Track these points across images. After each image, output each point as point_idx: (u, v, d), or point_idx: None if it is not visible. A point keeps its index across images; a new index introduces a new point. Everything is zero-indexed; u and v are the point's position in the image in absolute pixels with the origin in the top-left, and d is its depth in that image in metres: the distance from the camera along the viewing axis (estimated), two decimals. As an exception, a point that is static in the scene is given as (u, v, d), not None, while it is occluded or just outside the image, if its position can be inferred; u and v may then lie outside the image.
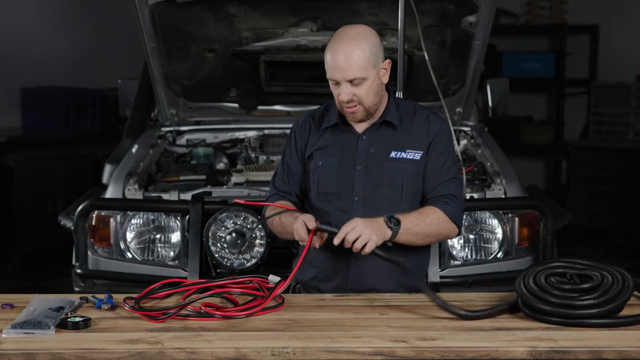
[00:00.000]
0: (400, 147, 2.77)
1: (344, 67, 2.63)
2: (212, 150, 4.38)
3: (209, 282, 2.58)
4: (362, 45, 2.65)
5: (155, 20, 4.02)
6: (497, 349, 2.12)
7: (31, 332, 2.17)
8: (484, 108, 4.90)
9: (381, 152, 2.77)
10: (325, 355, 2.11)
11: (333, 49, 2.66)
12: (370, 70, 2.66)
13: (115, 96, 5.29)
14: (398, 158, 2.76)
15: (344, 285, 2.77)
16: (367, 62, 2.65)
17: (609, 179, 7.39)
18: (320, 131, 2.85)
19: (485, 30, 4.03)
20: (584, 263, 2.41)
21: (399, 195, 2.75)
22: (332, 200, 2.77)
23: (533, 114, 8.37)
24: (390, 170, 2.75)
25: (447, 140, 2.82)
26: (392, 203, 2.74)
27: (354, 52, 2.63)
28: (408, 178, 2.75)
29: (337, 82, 2.67)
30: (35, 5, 7.27)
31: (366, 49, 2.65)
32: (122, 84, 5.07)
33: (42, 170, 6.51)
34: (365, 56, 2.65)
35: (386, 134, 2.79)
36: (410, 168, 2.76)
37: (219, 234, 3.58)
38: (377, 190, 2.75)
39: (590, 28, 8.03)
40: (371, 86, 2.69)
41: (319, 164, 2.81)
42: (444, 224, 2.72)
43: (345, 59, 2.63)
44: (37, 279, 6.15)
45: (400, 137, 2.78)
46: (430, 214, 2.70)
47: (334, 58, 2.65)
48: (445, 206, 2.73)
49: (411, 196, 2.77)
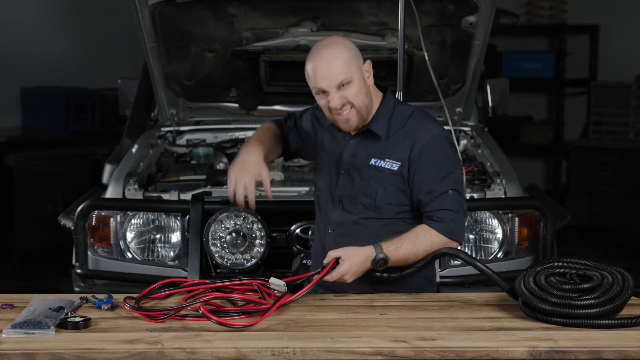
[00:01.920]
0: (380, 155, 2.75)
1: (328, 74, 2.65)
2: (212, 150, 4.38)
3: (209, 282, 2.58)
4: (339, 50, 2.68)
5: (155, 20, 4.02)
6: (497, 349, 2.12)
7: (31, 332, 2.17)
8: (484, 108, 4.89)
9: (363, 159, 2.77)
10: (325, 355, 2.11)
11: (313, 61, 2.68)
12: (353, 72, 2.67)
13: (115, 96, 5.28)
14: (376, 166, 2.74)
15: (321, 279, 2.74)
16: (348, 64, 2.66)
17: (609, 179, 7.39)
18: (323, 127, 2.90)
19: (485, 30, 4.03)
20: (584, 263, 2.41)
21: (373, 203, 2.74)
22: (323, 195, 2.86)
23: (533, 114, 8.37)
24: (368, 177, 2.75)
25: (440, 151, 2.73)
26: (367, 210, 2.75)
27: (334, 57, 2.66)
28: (383, 187, 2.72)
29: (324, 91, 2.67)
30: (36, 5, 7.27)
31: (344, 52, 2.67)
32: (122, 84, 5.07)
33: (42, 170, 6.51)
34: (345, 59, 2.66)
35: (371, 141, 2.78)
36: (386, 177, 2.72)
37: (219, 234, 3.58)
38: (355, 196, 2.76)
39: (590, 28, 8.02)
40: (359, 87, 2.69)
41: (319, 158, 2.89)
42: (438, 246, 2.65)
43: (328, 66, 2.65)
44: (37, 279, 6.15)
45: (384, 146, 2.76)
46: (424, 240, 2.65)
47: (317, 68, 2.67)
48: (440, 224, 2.67)
49: (387, 206, 2.73)
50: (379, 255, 2.58)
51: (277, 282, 2.51)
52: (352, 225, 2.77)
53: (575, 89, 8.16)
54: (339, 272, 2.54)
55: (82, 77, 7.25)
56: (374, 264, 2.59)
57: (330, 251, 2.58)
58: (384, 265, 2.59)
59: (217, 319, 2.26)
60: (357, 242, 2.68)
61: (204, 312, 2.27)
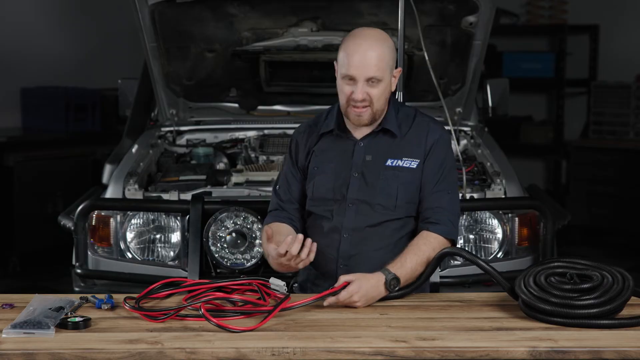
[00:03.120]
0: (396, 155, 2.74)
1: (364, 65, 2.61)
2: (212, 150, 4.38)
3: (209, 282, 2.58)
4: (383, 46, 2.65)
5: (155, 20, 4.02)
6: (497, 349, 2.12)
7: (31, 332, 2.17)
8: (484, 108, 4.89)
9: (378, 160, 2.74)
10: (325, 355, 2.10)
11: (354, 46, 2.63)
12: (386, 73, 2.65)
13: (115, 96, 5.28)
14: (394, 166, 2.73)
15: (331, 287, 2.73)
16: (386, 64, 2.64)
17: (609, 179, 7.39)
18: (319, 136, 2.82)
19: (485, 30, 4.03)
20: (584, 263, 2.41)
21: (393, 204, 2.72)
22: (327, 206, 2.76)
23: (533, 114, 8.37)
24: (386, 178, 2.72)
25: (446, 151, 2.77)
26: (384, 210, 2.72)
27: (377, 51, 2.62)
28: (403, 186, 2.72)
29: (353, 78, 2.64)
30: (36, 5, 7.27)
31: (386, 51, 2.65)
32: (122, 84, 5.07)
33: (42, 170, 6.51)
34: (386, 57, 2.64)
35: (384, 142, 2.76)
36: (406, 176, 2.72)
37: (219, 234, 3.59)
38: (372, 198, 2.72)
39: (590, 28, 8.02)
40: (384, 89, 2.67)
41: (315, 168, 2.79)
42: (438, 249, 2.66)
43: (368, 57, 2.61)
44: (37, 279, 6.16)
45: (398, 145, 2.75)
46: (425, 248, 2.64)
47: (355, 54, 2.61)
48: (437, 227, 2.68)
49: (406, 204, 2.73)
50: (388, 276, 2.53)
51: (277, 282, 2.51)
52: (368, 228, 2.72)
53: (575, 89, 8.16)
54: (348, 292, 2.46)
55: (82, 77, 7.25)
56: (388, 286, 2.53)
57: (342, 276, 2.52)
58: (397, 285, 2.55)
59: (217, 321, 2.25)
60: (373, 244, 2.70)
61: (205, 313, 2.27)
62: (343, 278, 2.50)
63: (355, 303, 2.47)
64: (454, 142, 4.16)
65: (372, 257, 2.71)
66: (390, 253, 2.68)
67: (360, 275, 2.51)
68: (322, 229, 2.76)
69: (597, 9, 7.99)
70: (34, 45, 7.17)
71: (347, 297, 2.46)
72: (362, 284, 2.48)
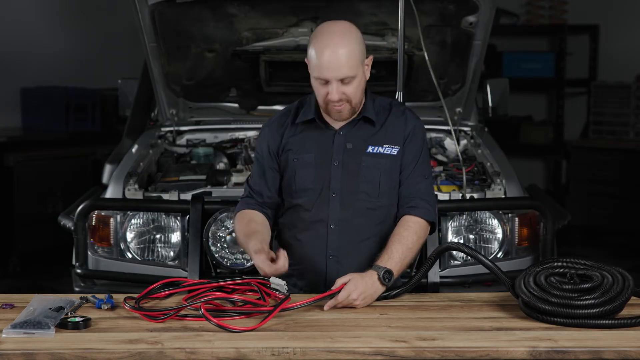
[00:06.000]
0: (377, 142, 2.76)
1: (335, 66, 2.60)
2: (212, 150, 4.38)
3: (209, 282, 2.58)
4: (351, 43, 2.62)
5: (155, 20, 4.02)
6: (497, 349, 2.12)
7: (31, 332, 2.17)
8: (484, 108, 4.89)
9: (358, 148, 2.75)
10: (325, 355, 2.11)
11: (321, 47, 2.60)
12: (359, 68, 2.65)
13: (115, 96, 5.28)
14: (375, 153, 2.75)
15: (322, 279, 2.72)
16: (356, 59, 2.63)
17: (609, 179, 7.39)
18: (295, 127, 2.81)
19: (485, 30, 4.03)
20: (584, 263, 2.41)
21: (376, 191, 2.74)
22: (309, 197, 2.75)
23: (533, 114, 8.37)
24: (367, 165, 2.74)
25: (423, 137, 2.82)
26: (369, 198, 2.73)
27: (345, 48, 2.60)
28: (385, 173, 2.74)
29: (326, 80, 2.63)
30: (36, 5, 7.27)
31: (355, 46, 2.63)
32: (122, 84, 5.07)
33: (42, 170, 6.51)
34: (355, 54, 2.63)
35: (363, 130, 2.78)
36: (387, 163, 2.75)
37: (219, 234, 3.58)
38: (355, 186, 2.73)
39: (590, 28, 8.02)
40: (359, 84, 2.68)
41: (295, 160, 2.78)
42: (421, 233, 2.70)
43: (338, 57, 2.59)
44: (37, 279, 6.15)
45: (377, 132, 2.77)
46: (408, 234, 2.67)
47: (323, 56, 2.59)
48: (417, 210, 2.72)
49: (388, 191, 2.75)
50: (380, 270, 2.54)
51: (277, 281, 2.50)
52: (353, 217, 2.73)
53: (575, 89, 8.16)
54: (346, 291, 2.46)
55: (82, 77, 7.25)
56: (383, 280, 2.53)
57: (338, 279, 2.52)
58: (391, 277, 2.55)
59: (217, 321, 2.25)
60: (361, 234, 2.71)
61: (205, 313, 2.27)
62: (339, 281, 2.51)
63: (354, 302, 2.47)
64: (454, 142, 4.18)
65: (360, 246, 2.73)
66: (379, 242, 2.70)
67: (355, 274, 2.52)
68: (305, 221, 2.75)
69: (597, 9, 7.99)
70: (34, 45, 7.17)
71: (345, 297, 2.47)
72: (358, 282, 2.49)
